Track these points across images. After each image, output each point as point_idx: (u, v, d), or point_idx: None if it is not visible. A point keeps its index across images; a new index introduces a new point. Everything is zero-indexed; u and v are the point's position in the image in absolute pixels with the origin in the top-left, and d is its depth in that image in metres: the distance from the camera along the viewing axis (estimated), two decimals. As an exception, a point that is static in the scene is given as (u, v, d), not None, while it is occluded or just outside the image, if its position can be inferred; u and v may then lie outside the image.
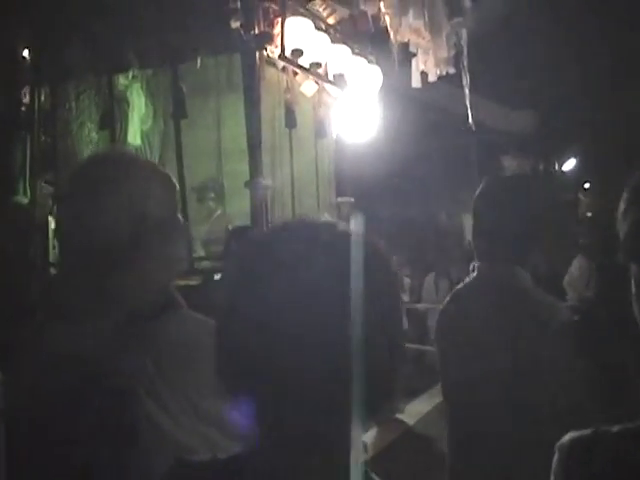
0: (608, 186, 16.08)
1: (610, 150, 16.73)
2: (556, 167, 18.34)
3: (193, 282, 6.53)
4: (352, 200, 9.12)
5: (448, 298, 3.39)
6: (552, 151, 17.93)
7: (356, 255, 1.39)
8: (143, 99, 8.33)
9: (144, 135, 8.41)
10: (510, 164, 16.04)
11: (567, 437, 1.80)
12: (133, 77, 8.08)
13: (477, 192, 3.30)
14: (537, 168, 16.35)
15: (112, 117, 7.92)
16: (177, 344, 2.15)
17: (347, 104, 8.31)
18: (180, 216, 2.41)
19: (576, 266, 6.52)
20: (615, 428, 1.72)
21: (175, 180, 2.42)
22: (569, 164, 19.11)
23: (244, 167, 7.36)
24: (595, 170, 18.00)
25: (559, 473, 1.82)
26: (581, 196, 17.15)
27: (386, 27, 8.13)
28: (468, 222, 15.77)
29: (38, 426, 2.22)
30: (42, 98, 8.15)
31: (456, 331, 3.21)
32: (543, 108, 16.02)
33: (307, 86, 7.83)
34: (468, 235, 14.74)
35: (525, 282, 3.14)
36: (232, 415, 2.15)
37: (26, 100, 8.09)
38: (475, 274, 3.28)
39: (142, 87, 8.27)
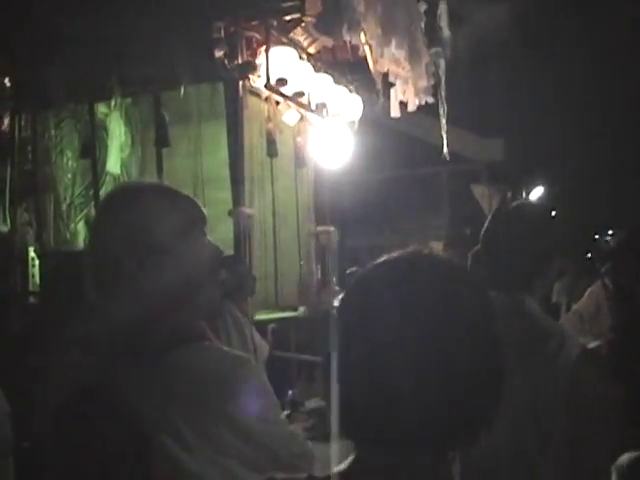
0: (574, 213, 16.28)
1: (576, 178, 16.92)
2: (524, 195, 18.46)
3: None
4: (331, 229, 9.16)
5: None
6: (521, 179, 18.07)
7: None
8: (122, 127, 8.32)
9: (123, 163, 8.39)
10: (481, 192, 16.12)
11: (624, 457, 1.82)
12: (113, 105, 8.07)
13: (488, 221, 3.30)
14: (506, 196, 16.42)
15: (92, 146, 7.91)
16: (195, 377, 2.13)
17: (326, 133, 8.33)
18: (213, 245, 2.38)
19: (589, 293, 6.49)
20: None
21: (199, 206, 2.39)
22: (536, 192, 19.26)
23: (225, 195, 7.38)
24: (561, 198, 18.16)
25: None
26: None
27: (365, 57, 8.18)
28: (437, 250, 15.92)
29: (52, 465, 2.21)
30: (22, 126, 8.13)
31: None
32: (511, 137, 16.16)
33: (289, 115, 7.86)
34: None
35: (535, 311, 3.15)
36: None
37: (6, 127, 8.06)
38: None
39: (121, 115, 8.26)
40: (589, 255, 12.57)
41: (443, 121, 8.82)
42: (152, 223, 2.20)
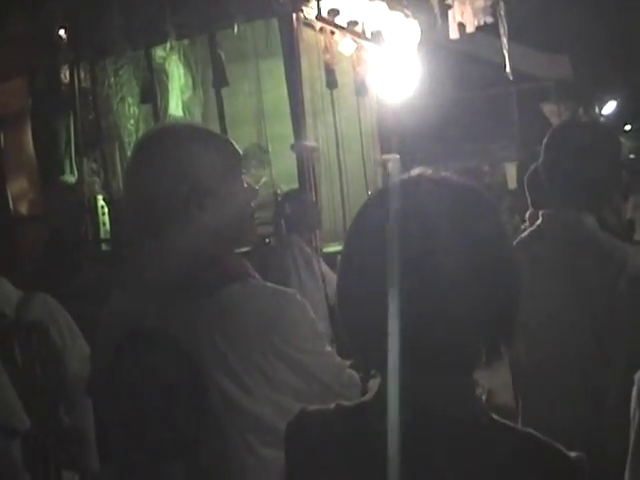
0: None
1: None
2: (596, 110, 18.15)
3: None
4: (397, 156, 9.09)
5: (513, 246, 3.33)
6: (592, 95, 17.73)
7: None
8: (181, 70, 8.34)
9: (184, 106, 8.42)
10: (551, 110, 15.88)
11: None
12: (170, 48, 8.07)
13: (547, 138, 3.22)
14: (577, 112, 16.14)
15: (152, 90, 7.92)
16: (246, 314, 2.13)
17: (386, 60, 8.24)
18: (249, 184, 2.40)
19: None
20: None
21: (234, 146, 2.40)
22: (609, 107, 18.93)
23: (287, 130, 7.39)
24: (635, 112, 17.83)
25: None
26: (622, 139, 16.94)
27: (420, -20, 8.07)
28: (510, 171, 15.70)
29: (116, 398, 2.24)
30: (81, 76, 8.18)
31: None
32: (579, 52, 15.84)
33: (345, 45, 7.78)
34: (511, 184, 14.66)
35: (593, 227, 3.09)
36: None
37: (66, 80, 8.11)
38: (539, 221, 3.24)
39: (179, 58, 8.28)
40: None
41: (504, 40, 8.70)
42: (194, 163, 2.21)
